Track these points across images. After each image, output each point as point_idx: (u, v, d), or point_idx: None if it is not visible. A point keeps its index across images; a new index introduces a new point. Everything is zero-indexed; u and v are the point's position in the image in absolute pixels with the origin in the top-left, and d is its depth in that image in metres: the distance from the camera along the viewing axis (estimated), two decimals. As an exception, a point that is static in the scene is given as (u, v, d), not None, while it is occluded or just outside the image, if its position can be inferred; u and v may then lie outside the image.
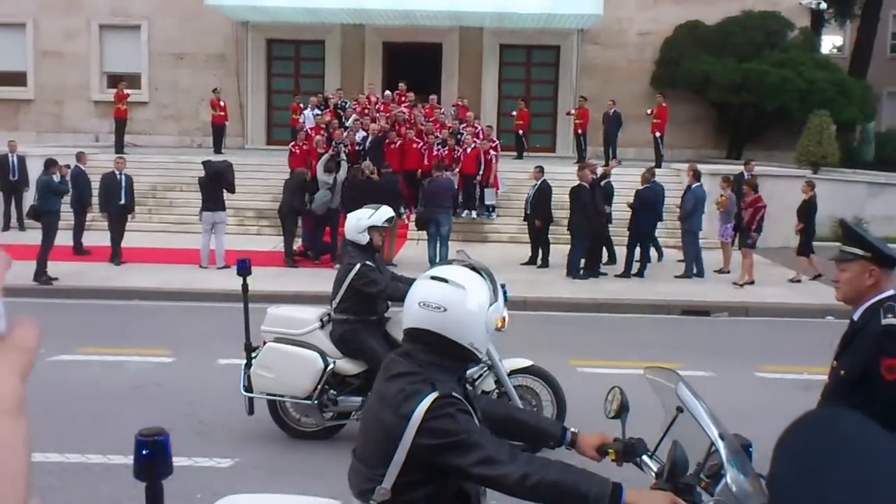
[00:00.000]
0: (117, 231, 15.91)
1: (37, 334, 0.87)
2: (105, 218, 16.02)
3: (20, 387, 0.83)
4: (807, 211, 16.28)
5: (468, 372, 5.25)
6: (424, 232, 16.50)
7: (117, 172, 16.13)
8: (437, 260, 16.28)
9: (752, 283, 15.35)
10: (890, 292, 3.82)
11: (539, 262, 16.67)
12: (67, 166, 16.42)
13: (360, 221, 6.99)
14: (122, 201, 15.96)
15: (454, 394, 2.56)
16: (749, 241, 15.75)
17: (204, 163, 16.25)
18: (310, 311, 7.28)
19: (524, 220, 17.40)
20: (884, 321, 3.72)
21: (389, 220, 7.17)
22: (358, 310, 6.92)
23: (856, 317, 3.93)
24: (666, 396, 2.77)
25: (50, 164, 15.50)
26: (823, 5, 30.66)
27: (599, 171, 17.01)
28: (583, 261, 15.76)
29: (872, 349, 3.71)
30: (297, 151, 19.13)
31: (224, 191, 15.67)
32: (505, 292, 6.70)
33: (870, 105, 27.72)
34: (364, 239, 6.97)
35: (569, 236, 15.94)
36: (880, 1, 34.93)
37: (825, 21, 35.60)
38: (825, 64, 27.60)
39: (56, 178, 15.26)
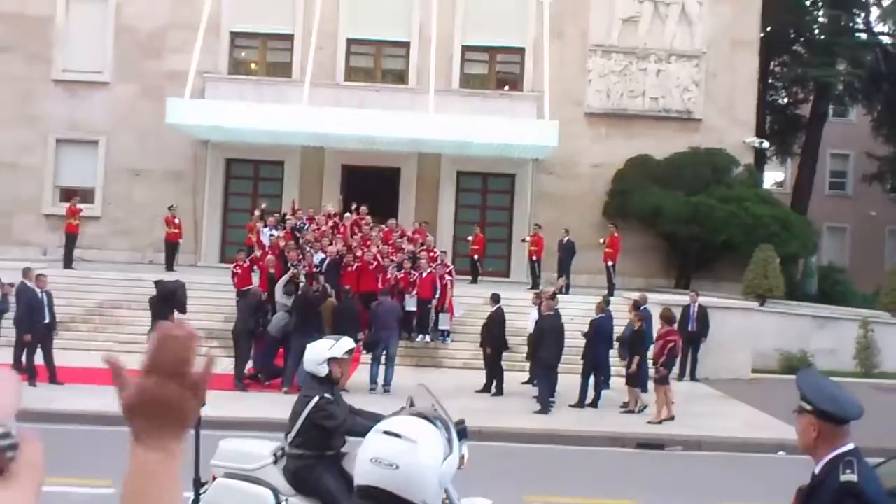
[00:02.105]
0: (47, 350, 15.49)
1: (42, 450, 0.99)
2: (29, 338, 15.42)
3: None
4: (639, 340, 15.72)
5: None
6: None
7: (38, 290, 15.74)
8: (379, 381, 16.28)
9: (671, 419, 14.71)
10: (848, 447, 3.78)
11: (493, 390, 16.57)
12: (11, 284, 16.08)
13: (320, 353, 6.87)
14: (47, 320, 15.61)
15: None
16: (656, 375, 15.15)
17: (156, 282, 16.10)
18: (263, 444, 7.07)
19: (480, 346, 17.39)
20: (842, 477, 3.68)
21: (349, 351, 7.06)
22: (314, 444, 6.72)
23: (817, 470, 3.89)
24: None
25: None
26: (766, 144, 31.95)
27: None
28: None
29: (830, 506, 3.66)
30: (240, 271, 19.06)
31: (175, 311, 15.45)
32: (464, 429, 6.63)
33: (811, 239, 28.66)
34: (323, 371, 6.83)
35: (524, 364, 15.88)
36: (818, 140, 36.56)
37: (767, 158, 37.05)
38: (768, 199, 28.47)
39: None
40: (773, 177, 44.42)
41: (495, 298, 16.98)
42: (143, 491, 1.32)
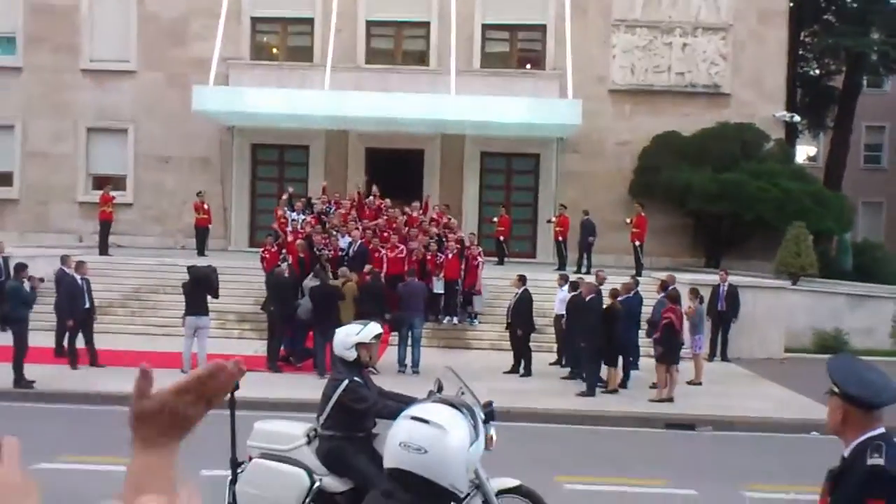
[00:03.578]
0: (88, 334, 15.84)
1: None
2: (71, 323, 15.76)
3: None
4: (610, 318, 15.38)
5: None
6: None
7: (78, 277, 16.06)
8: (407, 362, 16.51)
9: (670, 399, 14.53)
10: (878, 430, 3.77)
11: (521, 371, 16.64)
12: (41, 279, 16.37)
13: (349, 337, 6.95)
14: (87, 305, 15.92)
15: None
16: (655, 354, 15.12)
17: (189, 267, 16.28)
18: (296, 426, 7.20)
19: (506, 328, 17.45)
20: (869, 461, 3.68)
21: (378, 336, 7.16)
22: (345, 426, 6.84)
23: (846, 454, 3.90)
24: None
25: (20, 269, 15.08)
26: (797, 117, 31.50)
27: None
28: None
29: (857, 489, 3.68)
30: (268, 255, 19.25)
31: (208, 295, 15.65)
32: (492, 411, 6.71)
33: (845, 215, 28.05)
34: (352, 355, 6.93)
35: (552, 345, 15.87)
36: (852, 113, 35.90)
37: (798, 132, 36.51)
38: (800, 174, 28.12)
39: (26, 285, 14.91)
40: (806, 151, 43.72)
41: (522, 279, 17.02)
42: (143, 487, 1.38)
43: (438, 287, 19.65)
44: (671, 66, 29.01)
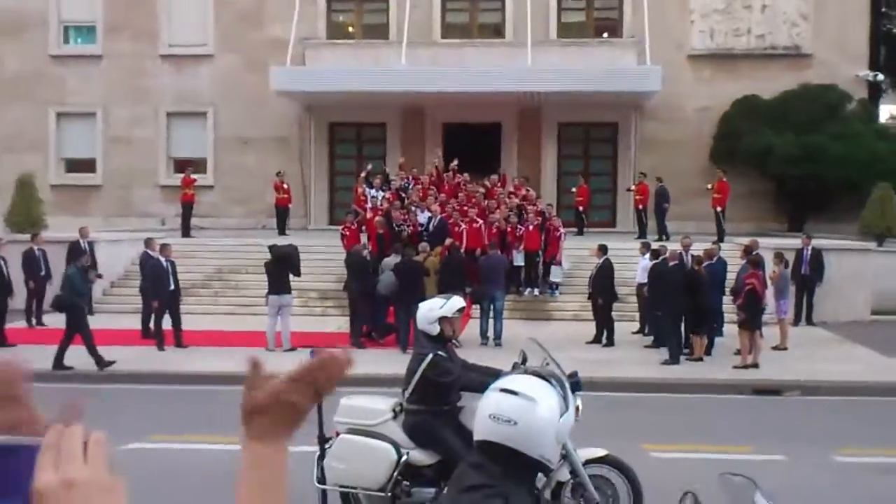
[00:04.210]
0: (175, 316, 16.19)
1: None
2: (157, 305, 16.12)
3: None
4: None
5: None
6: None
7: (163, 260, 16.36)
8: (490, 335, 16.55)
9: (755, 366, 14.34)
10: None
11: (604, 340, 16.58)
12: (100, 276, 17.09)
13: (432, 312, 7.00)
14: (172, 287, 16.24)
15: None
16: (738, 320, 14.92)
17: (270, 247, 16.55)
18: (382, 401, 7.30)
19: (588, 298, 17.39)
20: None
21: (460, 310, 7.20)
22: (430, 400, 6.92)
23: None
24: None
25: (78, 255, 15.30)
26: (881, 77, 30.49)
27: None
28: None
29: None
30: (348, 233, 19.45)
31: (290, 274, 15.90)
32: (578, 381, 6.70)
33: (932, 174, 27.22)
34: (435, 329, 6.98)
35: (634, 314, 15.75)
36: (939, 69, 34.61)
37: (883, 91, 35.34)
38: (885, 134, 27.38)
39: (85, 272, 15.19)
40: (890, 111, 42.34)
41: (603, 249, 16.90)
42: (261, 484, 1.44)
43: (519, 259, 19.64)
44: (751, 28, 28.34)
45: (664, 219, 23.56)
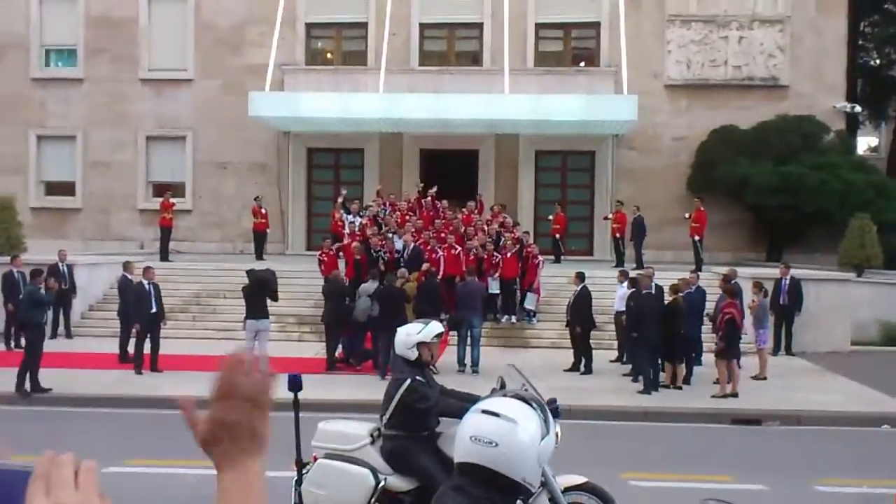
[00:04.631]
0: (154, 339, 15.99)
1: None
2: (136, 329, 15.94)
3: None
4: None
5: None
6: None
7: (146, 282, 16.21)
8: (467, 362, 16.51)
9: (734, 395, 14.30)
10: None
11: (582, 368, 16.54)
12: (58, 284, 16.76)
13: (410, 337, 6.96)
14: (153, 310, 16.08)
15: None
16: (715, 349, 14.92)
17: (248, 271, 16.45)
18: (360, 426, 7.22)
19: (566, 325, 17.37)
20: None
21: (439, 335, 7.15)
22: (408, 425, 6.85)
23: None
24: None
25: (35, 274, 15.28)
26: (858, 108, 30.88)
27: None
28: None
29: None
30: (326, 259, 19.38)
31: (268, 298, 15.80)
32: (557, 408, 6.65)
33: (910, 206, 27.48)
34: (413, 354, 6.93)
35: (612, 342, 15.75)
36: (915, 102, 35.15)
37: (860, 123, 35.82)
38: (862, 165, 27.69)
39: (42, 289, 15.05)
40: (867, 142, 42.93)
41: (580, 277, 16.91)
42: None
43: (494, 287, 19.60)
44: (728, 59, 28.63)
45: (641, 248, 23.60)
